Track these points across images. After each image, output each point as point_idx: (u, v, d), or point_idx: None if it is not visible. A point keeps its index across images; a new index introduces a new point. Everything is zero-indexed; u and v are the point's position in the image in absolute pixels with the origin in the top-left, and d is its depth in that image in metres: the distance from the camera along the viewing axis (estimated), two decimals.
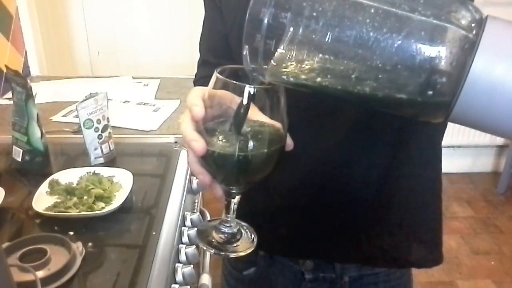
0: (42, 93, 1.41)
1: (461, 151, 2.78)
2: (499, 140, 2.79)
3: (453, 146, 2.73)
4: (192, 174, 1.15)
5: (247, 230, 0.57)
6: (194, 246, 0.92)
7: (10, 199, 0.92)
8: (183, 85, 1.62)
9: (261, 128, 0.50)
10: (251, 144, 0.48)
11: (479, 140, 2.77)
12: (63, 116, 1.32)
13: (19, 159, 1.04)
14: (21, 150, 1.04)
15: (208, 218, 1.21)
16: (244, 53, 0.43)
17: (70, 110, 1.35)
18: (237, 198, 0.54)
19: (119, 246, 0.82)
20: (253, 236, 0.57)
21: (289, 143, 0.51)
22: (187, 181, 1.09)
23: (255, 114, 0.49)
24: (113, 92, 1.42)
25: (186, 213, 1.01)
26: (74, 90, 1.48)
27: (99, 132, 1.05)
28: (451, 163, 2.79)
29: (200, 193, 1.25)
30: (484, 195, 2.68)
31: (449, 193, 2.62)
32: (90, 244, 0.79)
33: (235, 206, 0.55)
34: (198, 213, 1.04)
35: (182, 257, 0.89)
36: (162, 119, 1.30)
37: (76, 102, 1.40)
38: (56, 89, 1.49)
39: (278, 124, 0.49)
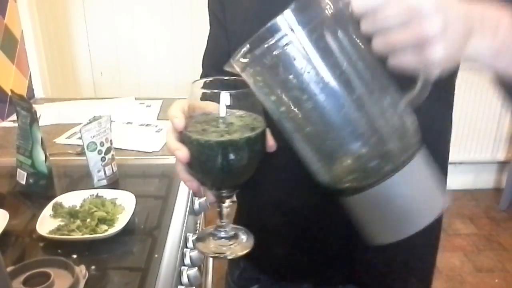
0: (46, 115, 1.43)
1: (463, 167, 2.78)
2: (501, 156, 2.80)
3: (454, 163, 2.74)
4: (195, 196, 1.16)
5: (243, 232, 0.59)
6: (196, 268, 0.93)
7: (14, 222, 0.93)
8: None
9: (242, 124, 0.52)
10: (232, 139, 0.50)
11: (481, 157, 2.78)
12: (66, 138, 1.34)
13: (23, 182, 1.05)
14: (25, 173, 1.05)
15: None
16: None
17: (73, 132, 1.37)
18: (228, 203, 0.56)
19: (122, 269, 0.82)
20: (249, 237, 0.58)
21: (271, 144, 0.54)
22: (189, 202, 1.10)
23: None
24: (116, 114, 1.44)
25: (188, 234, 1.02)
26: (77, 112, 1.50)
27: (102, 155, 1.06)
28: (453, 179, 2.77)
29: (202, 213, 1.25)
30: (487, 212, 2.68)
31: (451, 210, 2.62)
32: (93, 267, 0.80)
33: (228, 210, 0.57)
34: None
35: (184, 279, 0.89)
36: (164, 140, 1.32)
37: (80, 124, 1.42)
38: (60, 111, 1.51)
39: (258, 123, 0.52)
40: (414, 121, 0.47)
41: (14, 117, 1.52)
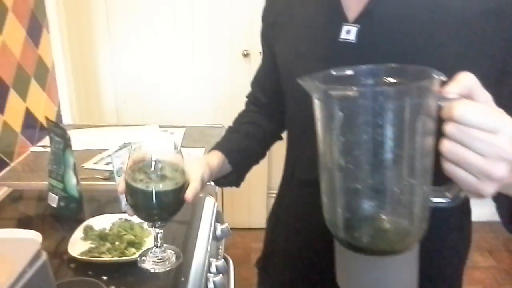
0: (74, 141, 1.48)
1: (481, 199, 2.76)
2: None
3: None
4: (217, 222, 1.19)
5: (173, 252, 0.80)
6: None
7: (46, 244, 0.97)
8: (207, 133, 1.69)
9: (167, 175, 0.68)
10: (154, 184, 0.67)
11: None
12: (94, 163, 1.39)
13: (55, 205, 1.10)
14: (57, 197, 1.10)
15: (231, 265, 1.23)
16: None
17: (101, 158, 1.42)
18: (160, 230, 0.75)
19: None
20: (178, 256, 0.80)
21: (188, 197, 0.69)
22: (211, 228, 1.13)
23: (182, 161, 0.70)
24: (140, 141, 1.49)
25: (211, 259, 1.04)
26: (104, 138, 1.56)
27: None
28: (472, 211, 2.76)
29: (224, 239, 1.28)
30: (506, 245, 2.63)
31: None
32: None
33: (160, 235, 0.76)
34: (223, 260, 1.08)
35: None
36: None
37: (106, 150, 1.48)
38: (88, 138, 1.57)
39: (186, 176, 0.70)
40: (428, 217, 0.50)
41: (43, 142, 1.59)
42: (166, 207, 0.70)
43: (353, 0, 0.68)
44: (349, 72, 0.50)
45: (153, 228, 0.74)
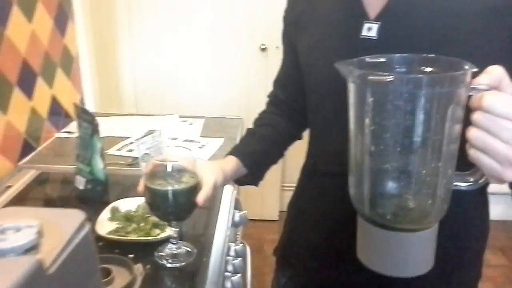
0: None
1: (494, 198, 2.75)
2: None
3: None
4: (235, 209, 1.23)
5: (187, 247, 0.90)
6: (239, 275, 0.99)
7: None
8: (225, 124, 1.73)
9: (182, 179, 0.78)
10: (170, 186, 0.77)
11: None
12: (117, 150, 1.44)
13: (82, 187, 1.15)
14: (84, 180, 1.15)
15: (248, 250, 1.27)
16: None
17: (123, 144, 1.47)
18: (175, 228, 0.85)
19: (173, 269, 0.89)
20: (192, 251, 0.90)
21: (200, 200, 0.76)
22: (230, 214, 1.17)
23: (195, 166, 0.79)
24: (162, 129, 1.54)
25: (230, 243, 1.08)
26: (126, 126, 1.61)
27: None
28: None
29: (241, 227, 1.32)
30: None
31: None
32: (148, 266, 0.87)
33: (175, 233, 0.85)
34: (242, 244, 1.12)
35: (228, 285, 0.96)
36: (208, 155, 1.40)
37: (129, 137, 1.53)
38: (110, 125, 1.62)
39: (199, 180, 0.78)
40: (449, 198, 0.53)
41: (67, 128, 1.65)
42: (180, 207, 0.79)
43: None
44: (382, 59, 0.54)
45: (169, 226, 0.84)
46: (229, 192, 1.24)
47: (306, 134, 0.95)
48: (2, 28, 1.29)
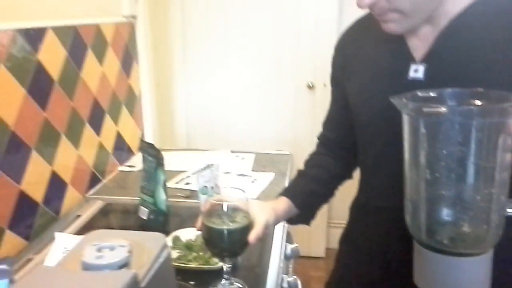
0: None
1: None
2: None
3: None
4: (287, 242, 1.27)
5: (240, 286, 0.92)
6: None
7: None
8: (275, 159, 1.79)
9: (236, 219, 0.84)
10: (225, 225, 0.82)
11: None
12: (175, 183, 1.53)
13: (145, 218, 1.23)
14: (147, 210, 1.23)
15: (299, 283, 1.30)
16: None
17: (181, 178, 1.56)
18: (229, 265, 0.89)
19: None
20: (244, 287, 0.93)
21: (251, 239, 0.81)
22: (282, 246, 1.21)
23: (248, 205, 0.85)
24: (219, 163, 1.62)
25: (283, 275, 1.12)
26: (182, 161, 1.71)
27: None
28: None
29: (292, 259, 1.35)
30: None
31: None
32: None
33: (228, 269, 0.89)
34: (294, 276, 1.15)
35: None
36: (259, 189, 1.46)
37: (185, 171, 1.62)
38: (167, 160, 1.72)
39: (252, 220, 0.84)
40: (503, 224, 0.56)
41: (129, 162, 1.77)
42: (233, 245, 0.85)
43: (419, 42, 0.76)
44: (433, 94, 0.59)
45: (223, 263, 0.89)
46: (280, 226, 1.29)
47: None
48: (79, 70, 1.43)
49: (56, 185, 1.34)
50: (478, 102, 0.57)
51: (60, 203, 1.36)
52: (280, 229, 1.27)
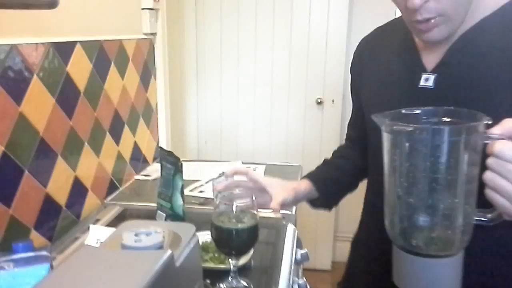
0: None
1: None
2: None
3: None
4: (297, 247, 1.33)
5: (246, 284, 0.99)
6: None
7: None
8: (285, 170, 1.86)
9: (244, 219, 0.91)
10: (234, 225, 0.90)
11: None
12: (190, 191, 1.60)
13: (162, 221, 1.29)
14: (164, 215, 1.30)
15: (308, 286, 1.35)
16: None
17: (194, 186, 1.63)
18: (235, 263, 0.96)
19: None
20: (249, 285, 1.00)
21: (273, 206, 0.92)
22: (293, 250, 1.27)
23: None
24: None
25: (294, 278, 1.18)
26: (195, 171, 1.78)
27: None
28: None
29: (302, 264, 1.40)
30: None
31: None
32: None
33: (235, 268, 0.97)
34: (304, 279, 1.21)
35: None
36: None
37: (199, 180, 1.68)
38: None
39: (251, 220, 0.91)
40: (470, 231, 0.62)
41: (145, 171, 1.84)
42: (241, 243, 0.92)
43: (431, 52, 0.81)
44: (417, 111, 0.65)
45: (230, 261, 0.96)
46: (291, 231, 1.35)
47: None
48: (102, 83, 1.52)
49: (78, 190, 1.41)
50: (448, 120, 0.63)
51: (81, 207, 1.44)
52: (290, 234, 1.33)
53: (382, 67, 0.91)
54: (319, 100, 2.60)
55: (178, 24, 2.57)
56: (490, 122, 0.58)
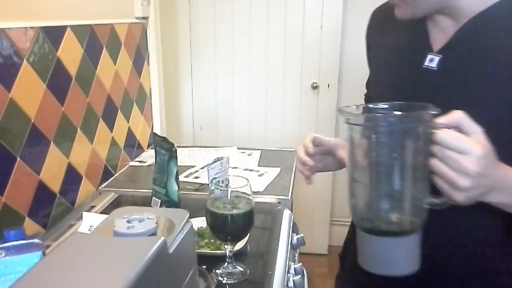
0: None
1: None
2: None
3: None
4: (293, 232, 1.33)
5: (241, 267, 1.00)
6: None
7: None
8: (280, 155, 1.85)
9: (239, 205, 0.91)
10: (229, 210, 0.90)
11: None
12: (185, 177, 1.59)
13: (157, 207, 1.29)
14: (159, 201, 1.29)
15: (304, 270, 1.35)
16: None
17: (189, 172, 1.62)
18: (231, 248, 0.97)
19: (242, 281, 0.99)
20: (245, 271, 1.00)
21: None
22: (289, 235, 1.27)
23: None
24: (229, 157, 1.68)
25: (290, 262, 1.18)
26: (190, 157, 1.76)
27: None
28: None
29: (298, 249, 1.41)
30: None
31: None
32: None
33: (231, 254, 0.98)
34: (301, 264, 1.21)
35: None
36: (266, 182, 1.52)
37: (194, 166, 1.67)
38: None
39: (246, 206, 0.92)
40: (421, 213, 0.65)
41: (139, 158, 1.83)
42: (236, 228, 0.92)
43: (441, 34, 0.80)
44: (383, 105, 0.69)
45: (226, 246, 0.97)
46: (287, 216, 1.34)
47: None
48: (94, 68, 1.50)
49: (72, 177, 1.40)
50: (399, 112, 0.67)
51: (75, 194, 1.42)
52: (286, 218, 1.33)
53: (390, 43, 0.90)
54: (314, 85, 2.58)
55: (171, 8, 2.53)
56: (437, 113, 0.61)
